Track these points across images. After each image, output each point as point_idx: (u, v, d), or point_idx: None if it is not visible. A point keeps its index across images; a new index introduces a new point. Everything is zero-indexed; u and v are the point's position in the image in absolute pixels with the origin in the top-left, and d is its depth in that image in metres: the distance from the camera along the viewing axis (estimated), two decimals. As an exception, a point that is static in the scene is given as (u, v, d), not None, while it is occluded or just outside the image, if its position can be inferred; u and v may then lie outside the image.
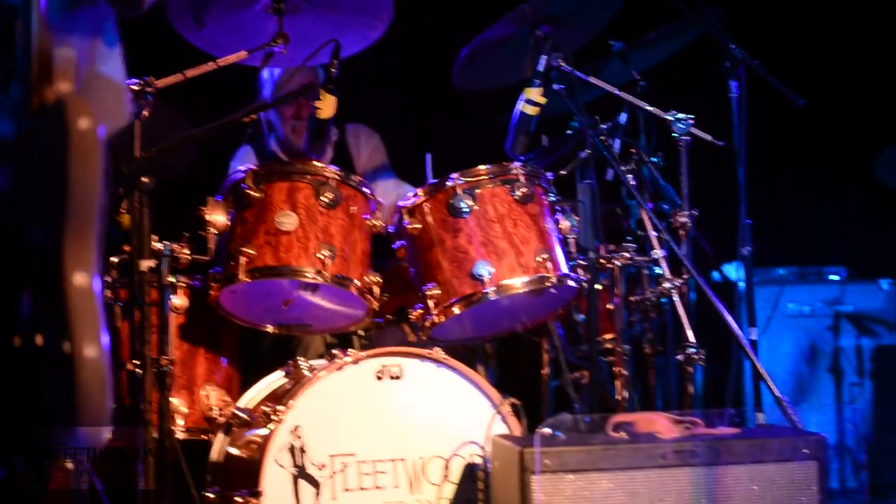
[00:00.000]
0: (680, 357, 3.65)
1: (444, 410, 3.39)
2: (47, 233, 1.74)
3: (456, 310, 3.43)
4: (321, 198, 3.41)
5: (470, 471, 3.36)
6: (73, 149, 1.69)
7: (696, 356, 3.63)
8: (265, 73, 4.55)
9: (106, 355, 1.77)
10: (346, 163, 4.64)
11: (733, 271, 4.04)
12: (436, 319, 3.45)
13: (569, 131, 4.47)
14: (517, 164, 3.58)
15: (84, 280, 1.75)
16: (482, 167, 3.53)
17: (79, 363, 1.75)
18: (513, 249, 3.44)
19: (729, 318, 3.37)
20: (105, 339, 1.79)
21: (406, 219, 3.54)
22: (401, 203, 3.60)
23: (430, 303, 3.45)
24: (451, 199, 3.48)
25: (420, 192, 3.54)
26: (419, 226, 3.52)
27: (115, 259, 3.45)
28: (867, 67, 5.85)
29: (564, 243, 3.59)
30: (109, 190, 1.77)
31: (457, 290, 3.43)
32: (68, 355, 1.75)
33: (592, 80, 3.73)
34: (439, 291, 3.45)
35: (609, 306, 4.07)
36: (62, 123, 1.69)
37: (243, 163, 4.34)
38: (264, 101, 3.91)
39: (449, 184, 3.50)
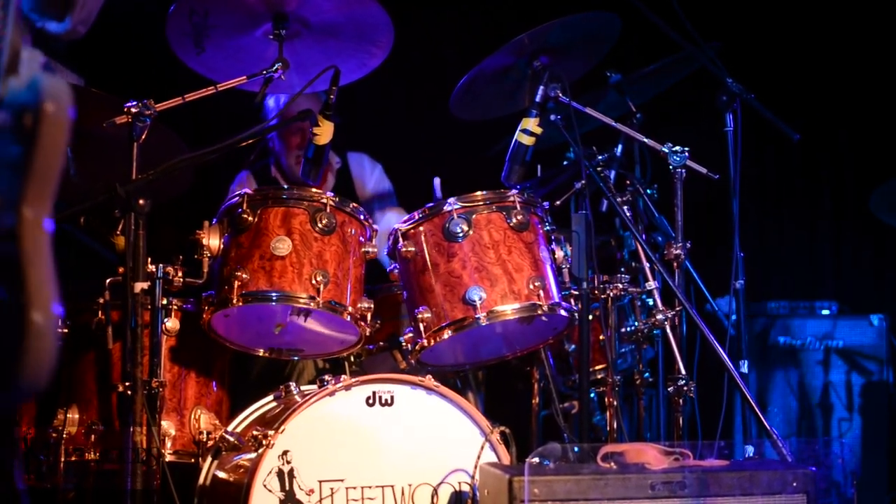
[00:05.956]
0: (670, 389, 3.65)
1: (433, 438, 3.39)
2: (9, 186, 1.78)
3: (446, 334, 3.44)
4: (316, 223, 3.43)
5: (458, 499, 3.36)
6: (43, 125, 1.80)
7: (686, 388, 3.63)
8: (271, 102, 4.58)
9: (55, 323, 1.76)
10: (349, 191, 4.66)
11: (725, 304, 4.05)
12: (426, 343, 3.46)
13: (565, 162, 4.50)
14: (514, 191, 3.59)
15: (33, 215, 1.77)
16: (479, 193, 3.55)
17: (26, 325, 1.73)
18: (506, 276, 3.45)
19: (720, 351, 3.38)
20: (57, 304, 1.76)
21: (401, 241, 3.55)
22: (396, 226, 3.61)
23: (421, 326, 3.46)
24: (447, 223, 3.49)
25: (416, 215, 3.56)
26: (413, 249, 3.53)
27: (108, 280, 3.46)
28: (864, 103, 5.89)
29: (558, 272, 3.60)
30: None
31: (448, 314, 3.44)
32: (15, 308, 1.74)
33: (589, 111, 3.75)
34: (430, 315, 3.45)
35: (601, 337, 4.09)
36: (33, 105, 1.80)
37: (242, 188, 4.37)
38: (261, 127, 3.93)
39: (446, 208, 3.51)
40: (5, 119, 1.81)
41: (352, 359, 3.85)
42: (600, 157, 4.04)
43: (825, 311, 5.32)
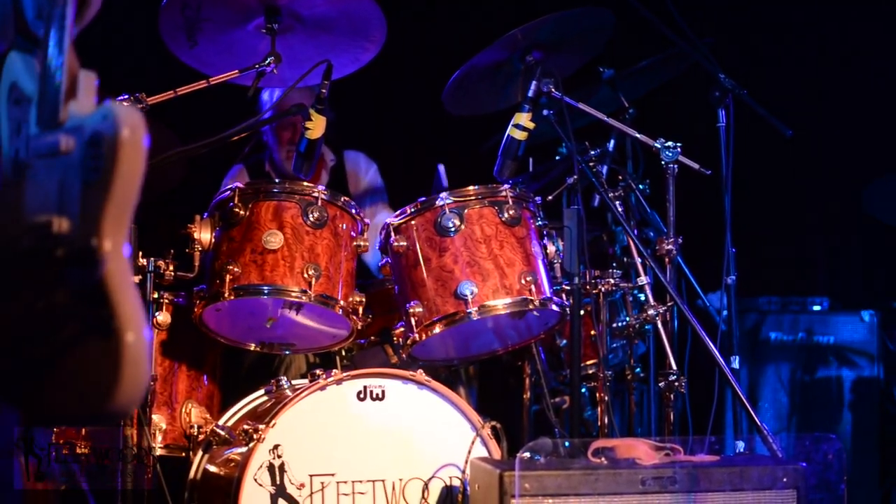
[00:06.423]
0: (661, 384, 3.66)
1: (424, 432, 3.39)
2: (83, 212, 1.80)
3: (438, 328, 3.44)
4: (308, 217, 3.42)
5: (449, 493, 3.36)
6: (121, 153, 1.83)
7: (677, 383, 3.64)
8: (265, 95, 4.57)
9: (147, 344, 1.80)
10: (342, 188, 4.66)
11: (717, 299, 4.06)
12: (417, 337, 3.46)
13: (557, 157, 4.51)
14: (506, 186, 3.59)
15: (112, 246, 1.79)
16: (471, 188, 3.55)
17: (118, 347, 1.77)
18: (497, 271, 3.45)
19: (711, 346, 3.39)
20: (147, 327, 1.81)
21: (393, 236, 3.55)
22: (388, 220, 3.61)
23: (413, 320, 3.46)
24: (439, 217, 3.49)
25: (408, 209, 3.55)
26: (405, 243, 3.52)
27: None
28: (856, 99, 5.89)
29: (550, 267, 3.60)
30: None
31: (440, 308, 3.44)
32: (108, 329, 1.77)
33: (582, 106, 3.75)
34: (422, 310, 3.45)
35: (592, 332, 4.09)
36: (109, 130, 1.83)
37: (235, 181, 4.37)
38: (253, 121, 3.92)
39: (438, 203, 3.51)
40: (69, 144, 1.82)
41: (343, 353, 3.85)
42: (592, 153, 4.04)
43: (816, 307, 5.33)
